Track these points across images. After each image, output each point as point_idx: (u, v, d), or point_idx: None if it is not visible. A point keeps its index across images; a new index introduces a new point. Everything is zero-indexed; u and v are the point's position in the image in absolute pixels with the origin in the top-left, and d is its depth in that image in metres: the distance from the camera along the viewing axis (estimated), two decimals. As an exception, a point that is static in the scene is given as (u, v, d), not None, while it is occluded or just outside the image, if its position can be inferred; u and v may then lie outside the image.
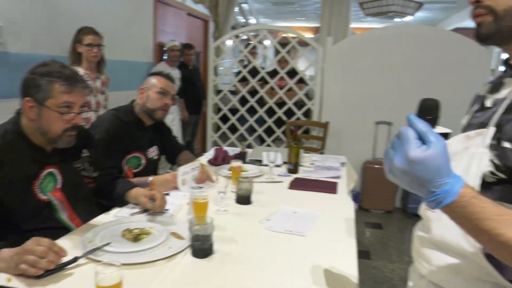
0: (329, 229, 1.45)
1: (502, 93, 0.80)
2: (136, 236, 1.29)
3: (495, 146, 0.74)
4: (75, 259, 1.10)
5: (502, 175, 0.73)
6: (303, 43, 4.08)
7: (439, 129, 0.82)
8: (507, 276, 0.73)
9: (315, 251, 1.27)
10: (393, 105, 3.82)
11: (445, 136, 0.82)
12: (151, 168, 2.13)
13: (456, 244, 0.78)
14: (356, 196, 3.99)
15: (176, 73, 4.38)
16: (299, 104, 4.40)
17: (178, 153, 2.32)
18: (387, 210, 3.97)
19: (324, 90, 4.01)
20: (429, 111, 0.82)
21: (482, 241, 0.65)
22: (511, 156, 0.71)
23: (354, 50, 3.93)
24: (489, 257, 0.74)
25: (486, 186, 0.75)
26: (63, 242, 1.22)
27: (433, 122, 0.82)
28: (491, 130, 0.76)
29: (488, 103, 0.84)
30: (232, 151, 2.61)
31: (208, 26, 5.95)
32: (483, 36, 0.77)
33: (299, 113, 4.10)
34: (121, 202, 1.60)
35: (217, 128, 4.66)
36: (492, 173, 0.74)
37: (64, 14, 3.01)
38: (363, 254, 3.05)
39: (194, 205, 1.40)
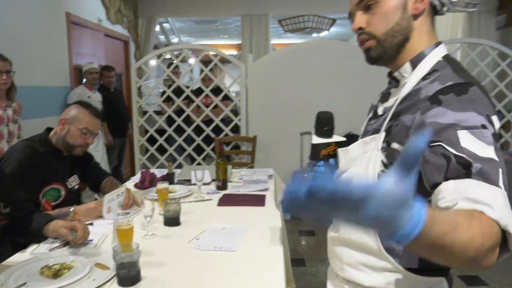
0: (258, 242, 1.49)
1: (390, 101, 0.91)
2: (56, 272, 1.22)
3: (385, 148, 0.83)
4: (-15, 306, 1.02)
5: None
6: (226, 60, 4.16)
7: (335, 137, 0.90)
8: (403, 264, 0.82)
9: (245, 265, 1.29)
10: (314, 116, 4.02)
11: (341, 143, 0.90)
12: (73, 199, 2.01)
13: (360, 240, 0.86)
14: (288, 206, 4.11)
15: (97, 97, 4.22)
16: (227, 121, 4.45)
17: (102, 180, 2.22)
18: (318, 216, 4.13)
19: (249, 105, 4.11)
20: (325, 122, 0.90)
21: (444, 250, 0.59)
22: (397, 155, 0.80)
23: (275, 65, 4.10)
24: (387, 249, 0.82)
25: None
26: (-30, 289, 1.12)
27: (330, 132, 0.90)
28: (382, 135, 0.85)
29: (380, 111, 0.94)
30: (160, 173, 2.57)
31: (128, 47, 5.82)
32: (373, 59, 0.89)
33: (227, 130, 4.15)
34: (39, 237, 1.50)
35: (145, 150, 4.53)
36: (383, 172, 0.83)
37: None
38: (298, 262, 3.14)
39: (118, 232, 1.36)
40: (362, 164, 0.88)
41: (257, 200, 1.99)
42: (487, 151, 0.68)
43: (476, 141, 0.68)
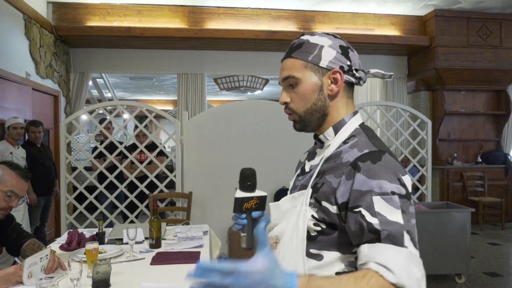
0: (192, 300, 1.47)
1: (316, 160, 1.02)
2: None
3: (314, 203, 0.92)
4: None
5: (323, 225, 0.91)
6: (162, 116, 4.20)
7: (257, 192, 0.97)
8: None
9: (178, 325, 1.27)
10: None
11: (262, 198, 0.97)
12: (-12, 264, 1.85)
13: None
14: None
15: (20, 153, 3.99)
16: (162, 177, 4.40)
17: (23, 243, 2.06)
18: (254, 272, 4.10)
19: (185, 161, 4.12)
20: (248, 178, 0.96)
21: None
22: (329, 212, 0.90)
23: (210, 122, 4.22)
24: None
25: (310, 239, 0.92)
26: None
27: (252, 187, 0.97)
28: (309, 191, 0.94)
29: (307, 168, 1.04)
30: (89, 232, 2.45)
31: (58, 102, 5.63)
32: (298, 130, 1.04)
33: (161, 186, 4.10)
34: None
35: (73, 209, 4.28)
36: (315, 224, 0.91)
37: None
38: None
39: (41, 299, 1.27)
40: (293, 217, 0.95)
41: (192, 257, 1.97)
42: (395, 215, 0.82)
43: (387, 205, 0.83)
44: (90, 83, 6.89)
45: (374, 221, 0.82)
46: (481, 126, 6.56)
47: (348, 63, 0.98)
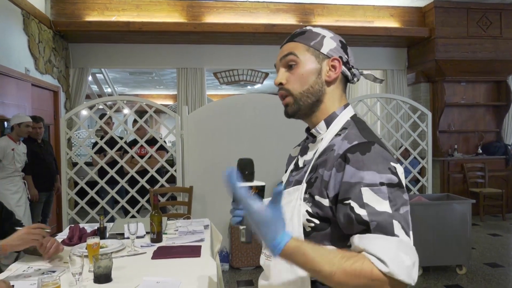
0: (193, 293, 1.48)
1: (309, 155, 1.02)
2: None
3: (308, 198, 0.93)
4: None
5: (316, 221, 0.91)
6: (162, 111, 4.20)
7: (256, 182, 0.97)
8: None
9: (179, 318, 1.28)
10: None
11: (261, 187, 0.97)
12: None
13: (288, 285, 0.92)
14: (226, 257, 4.07)
15: (22, 148, 4.00)
16: (162, 171, 4.41)
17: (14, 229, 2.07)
18: (256, 266, 4.13)
19: (185, 156, 4.13)
20: (246, 167, 0.96)
21: (312, 274, 0.86)
22: (322, 206, 0.90)
23: (210, 116, 4.22)
24: None
25: (305, 235, 0.93)
26: None
27: (250, 176, 0.97)
28: (304, 186, 0.95)
29: (300, 163, 1.04)
30: (90, 227, 2.47)
31: (58, 97, 5.63)
32: (290, 114, 1.02)
33: (162, 180, 4.10)
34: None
35: (74, 204, 4.29)
36: (308, 220, 0.91)
37: None
38: (236, 314, 3.07)
39: (43, 293, 1.28)
40: (288, 213, 0.95)
41: (193, 251, 1.98)
42: (383, 205, 0.83)
43: (375, 196, 0.84)
44: (90, 78, 6.88)
45: (362, 212, 0.83)
46: (481, 117, 6.55)
47: (346, 57, 1.00)
